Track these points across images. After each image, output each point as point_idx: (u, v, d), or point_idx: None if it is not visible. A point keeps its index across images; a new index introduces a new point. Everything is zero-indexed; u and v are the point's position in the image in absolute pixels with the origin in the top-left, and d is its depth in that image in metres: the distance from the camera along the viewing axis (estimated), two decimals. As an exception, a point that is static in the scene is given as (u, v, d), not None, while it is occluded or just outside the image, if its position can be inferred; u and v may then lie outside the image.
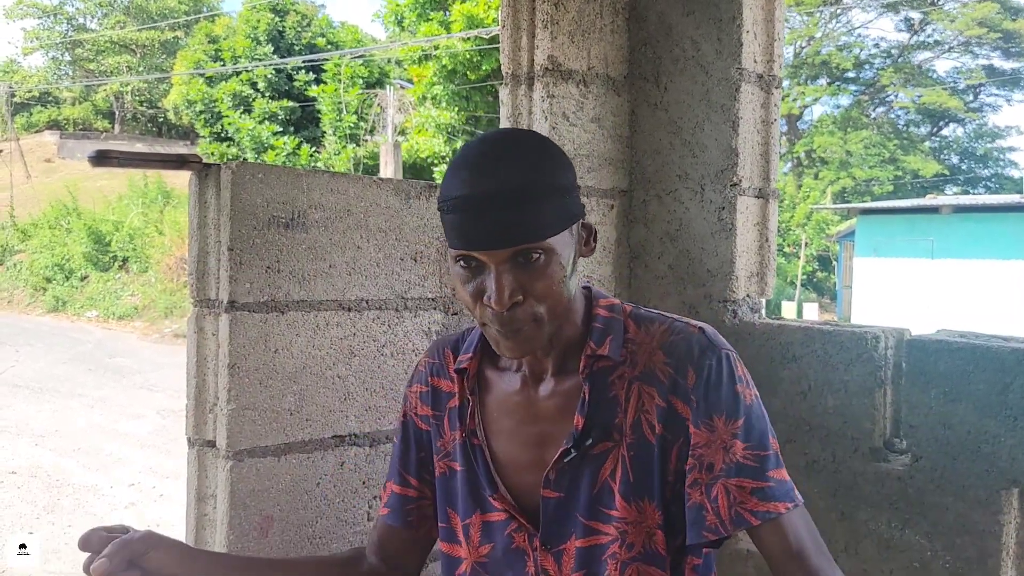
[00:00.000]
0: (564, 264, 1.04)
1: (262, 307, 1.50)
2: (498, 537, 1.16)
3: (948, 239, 15.71)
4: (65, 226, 19.86)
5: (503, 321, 1.03)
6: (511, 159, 1.02)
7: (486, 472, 1.16)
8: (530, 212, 1.00)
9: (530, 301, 1.03)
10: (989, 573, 1.53)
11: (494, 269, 1.01)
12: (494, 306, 1.01)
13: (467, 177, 1.01)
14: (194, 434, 1.53)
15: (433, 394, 1.26)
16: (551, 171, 1.03)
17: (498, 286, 1.01)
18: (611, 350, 1.11)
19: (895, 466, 1.65)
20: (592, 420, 1.10)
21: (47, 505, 5.91)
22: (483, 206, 0.99)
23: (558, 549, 1.12)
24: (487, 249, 1.01)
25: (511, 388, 1.17)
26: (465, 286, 1.05)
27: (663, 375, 1.09)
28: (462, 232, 1.01)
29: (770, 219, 2.00)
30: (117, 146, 25.68)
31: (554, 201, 1.02)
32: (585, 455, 1.10)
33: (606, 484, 1.10)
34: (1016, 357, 1.49)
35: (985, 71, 30.89)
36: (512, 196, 0.99)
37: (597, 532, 1.10)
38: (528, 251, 1.01)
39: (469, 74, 16.32)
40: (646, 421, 1.09)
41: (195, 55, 23.70)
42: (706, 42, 1.93)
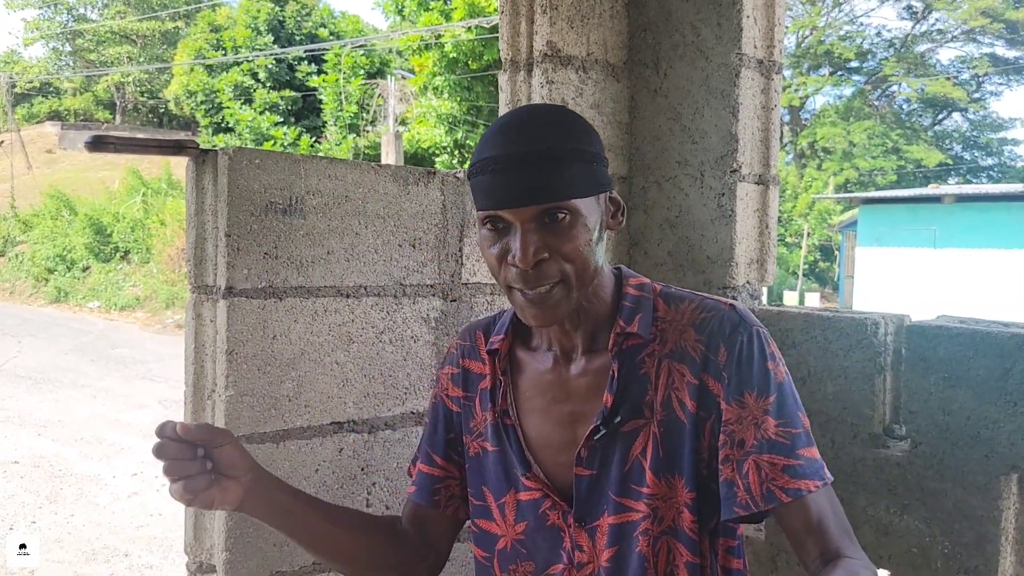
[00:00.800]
0: (590, 228, 1.05)
1: (260, 293, 1.50)
2: (532, 515, 1.17)
3: (950, 228, 15.68)
4: (66, 217, 19.87)
5: (528, 280, 1.03)
6: (540, 124, 1.04)
7: (519, 452, 1.16)
8: (557, 172, 1.01)
9: (556, 259, 1.03)
10: (988, 558, 1.53)
11: (520, 228, 1.03)
12: (519, 263, 1.02)
13: (497, 141, 1.04)
14: (193, 420, 1.53)
15: (464, 376, 1.26)
16: (579, 138, 1.05)
17: (523, 243, 1.02)
18: (640, 327, 1.11)
19: (894, 452, 1.65)
20: (621, 398, 1.10)
21: (50, 495, 5.92)
22: (511, 166, 1.01)
23: (592, 526, 1.12)
24: (513, 207, 1.02)
25: (543, 367, 1.17)
26: (491, 249, 1.06)
27: (694, 352, 1.10)
28: (490, 192, 1.03)
29: (770, 206, 1.99)
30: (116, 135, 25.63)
31: (581, 166, 1.04)
32: (615, 433, 1.11)
33: (637, 461, 1.10)
34: (1015, 342, 1.49)
35: (988, 60, 30.78)
36: (539, 156, 1.01)
37: (628, 509, 1.11)
38: (554, 211, 1.02)
39: (471, 64, 16.27)
40: (676, 399, 1.10)
41: (196, 45, 23.66)
42: (706, 27, 1.92)
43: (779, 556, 1.83)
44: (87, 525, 5.32)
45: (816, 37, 31.06)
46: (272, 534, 1.53)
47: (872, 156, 28.31)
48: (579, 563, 1.13)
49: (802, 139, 30.24)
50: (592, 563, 1.13)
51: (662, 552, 1.10)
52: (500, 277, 1.07)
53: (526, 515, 1.17)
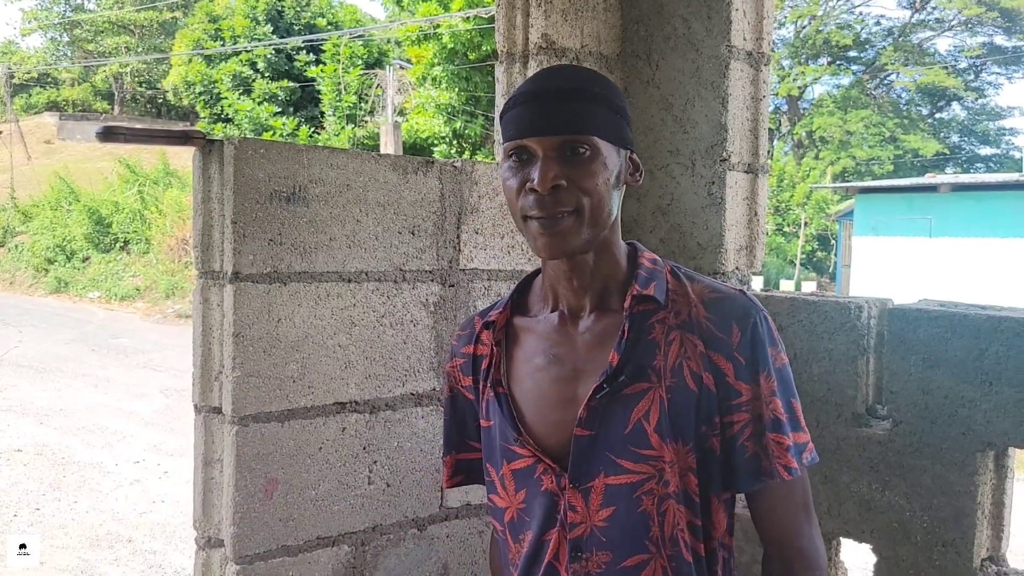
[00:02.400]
0: (609, 168, 1.10)
1: (265, 278, 1.55)
2: (529, 482, 1.19)
3: (946, 217, 15.72)
4: (66, 207, 19.89)
5: (543, 205, 1.07)
6: (574, 70, 1.13)
7: (510, 418, 1.19)
8: (582, 109, 1.08)
9: (572, 188, 1.08)
10: (964, 532, 1.60)
11: (541, 156, 1.08)
12: (537, 187, 1.06)
13: (530, 82, 1.12)
14: (201, 401, 1.59)
15: (472, 362, 1.29)
16: (607, 90, 1.12)
17: (543, 169, 1.07)
18: (657, 293, 1.16)
19: (876, 431, 1.71)
20: (627, 358, 1.13)
21: (53, 482, 5.99)
22: (539, 100, 1.09)
23: (586, 486, 1.15)
24: (538, 135, 1.08)
25: (545, 329, 1.21)
26: (512, 179, 1.11)
27: (704, 329, 1.14)
28: (516, 123, 1.10)
29: (759, 193, 2.05)
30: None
31: (606, 111, 1.10)
32: (617, 394, 1.13)
33: (639, 424, 1.13)
34: (991, 324, 1.55)
35: (986, 49, 30.77)
36: (565, 93, 1.08)
37: (627, 471, 1.14)
38: (576, 144, 1.07)
39: (469, 54, 16.28)
40: (688, 368, 1.13)
41: (194, 35, 23.63)
42: (696, 20, 1.97)
43: (766, 532, 1.89)
44: (90, 512, 5.39)
45: (815, 26, 31.03)
46: (279, 509, 1.59)
47: (869, 145, 28.32)
48: (571, 523, 1.16)
49: (799, 129, 30.25)
50: (585, 523, 1.15)
51: (668, 513, 1.14)
52: (517, 208, 1.12)
53: (523, 483, 1.20)
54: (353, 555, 1.71)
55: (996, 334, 1.55)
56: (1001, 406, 1.55)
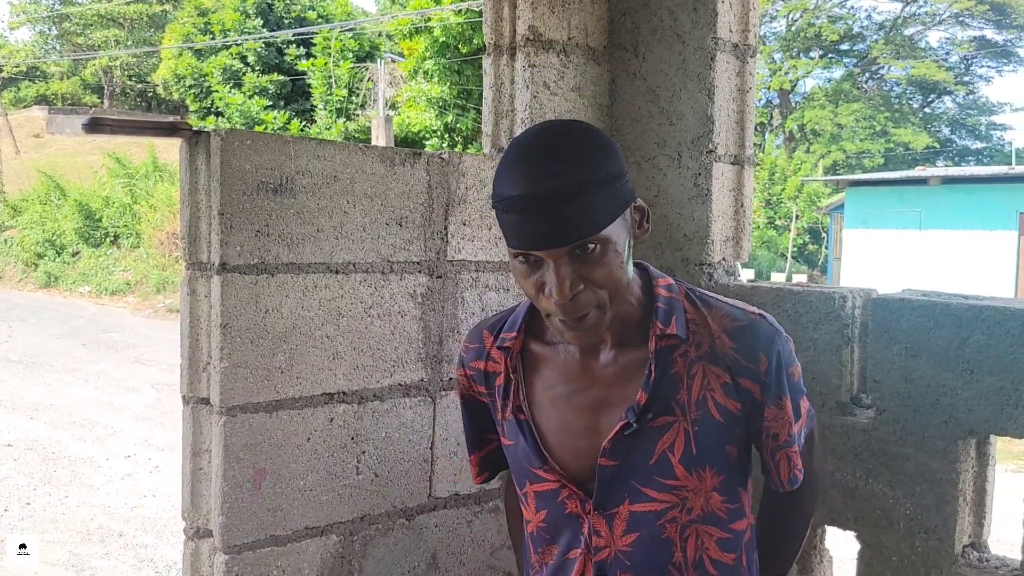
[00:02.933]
0: (620, 251, 1.08)
1: (252, 269, 1.56)
2: (551, 504, 1.22)
3: (936, 210, 15.78)
4: (56, 202, 19.80)
5: (567, 310, 1.07)
6: (561, 156, 1.05)
7: (534, 446, 1.21)
8: (584, 208, 1.03)
9: (591, 288, 1.07)
10: (946, 518, 1.62)
11: (553, 264, 1.05)
12: (556, 298, 1.06)
13: (519, 178, 1.05)
14: (189, 391, 1.60)
15: (484, 376, 1.30)
16: (600, 163, 1.06)
17: (558, 279, 1.05)
18: (678, 329, 1.16)
19: (860, 419, 1.73)
20: (654, 395, 1.15)
21: (43, 477, 5.97)
22: (537, 207, 1.03)
23: (610, 512, 1.18)
24: (544, 248, 1.05)
25: (565, 360, 1.21)
26: (527, 280, 1.09)
27: (730, 359, 1.16)
28: (519, 232, 1.05)
29: (745, 185, 2.06)
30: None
31: (606, 192, 1.05)
32: (643, 427, 1.15)
33: (664, 455, 1.15)
34: (972, 313, 1.57)
35: (976, 43, 30.85)
36: (565, 195, 1.02)
37: (651, 499, 1.16)
38: (584, 244, 1.05)
39: (461, 47, 16.25)
40: (712, 399, 1.15)
41: (184, 28, 23.51)
42: (683, 12, 1.98)
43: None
44: (81, 506, 5.38)
45: (806, 19, 31.06)
46: (267, 499, 1.60)
47: (860, 139, 28.39)
48: (596, 547, 1.19)
49: (791, 122, 30.30)
50: (609, 547, 1.18)
51: (691, 538, 1.18)
52: (539, 305, 1.12)
53: (545, 504, 1.23)
54: (342, 545, 1.72)
55: (977, 323, 1.56)
56: (982, 394, 1.56)
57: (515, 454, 1.25)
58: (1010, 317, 1.53)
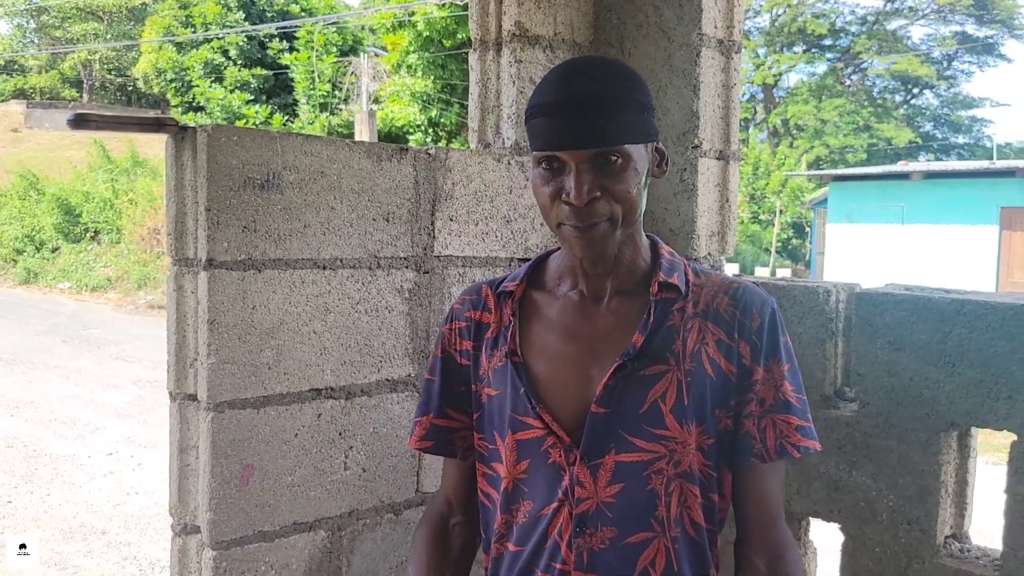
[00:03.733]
0: (639, 172, 1.13)
1: (239, 265, 1.56)
2: (534, 454, 1.21)
3: (918, 205, 15.93)
4: (34, 197, 19.60)
5: (580, 215, 1.11)
6: (596, 72, 1.12)
7: (529, 388, 1.21)
8: (611, 118, 1.09)
9: (607, 198, 1.11)
10: (929, 510, 1.64)
11: (575, 168, 1.10)
12: (573, 200, 1.10)
13: (554, 87, 1.11)
14: (176, 388, 1.59)
15: (475, 327, 1.30)
16: (632, 87, 1.12)
17: (577, 183, 1.09)
18: (679, 282, 1.21)
19: (844, 412, 1.75)
20: (650, 340, 1.18)
21: (25, 475, 5.93)
22: (568, 111, 1.09)
23: (595, 463, 1.18)
24: (571, 149, 1.09)
25: (564, 306, 1.24)
26: (545, 187, 1.13)
27: (728, 315, 1.19)
28: (548, 134, 1.10)
29: (731, 180, 2.07)
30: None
31: (633, 114, 1.11)
32: (634, 374, 1.17)
33: (655, 404, 1.16)
34: (955, 307, 1.59)
35: (959, 38, 31.10)
36: (595, 102, 1.09)
37: (639, 449, 1.17)
38: (607, 154, 1.10)
39: (444, 42, 16.21)
40: (706, 353, 1.18)
41: (165, 22, 23.32)
42: (668, 8, 1.99)
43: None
44: (63, 504, 5.35)
45: (790, 14, 31.19)
46: (255, 495, 1.60)
47: (843, 134, 28.58)
48: (578, 499, 1.18)
49: (774, 117, 30.44)
50: (591, 499, 1.18)
51: (675, 493, 1.18)
52: (551, 214, 1.15)
53: (527, 454, 1.22)
54: (329, 540, 1.72)
55: (959, 317, 1.58)
56: (964, 387, 1.58)
57: (500, 403, 1.25)
58: (991, 311, 1.55)
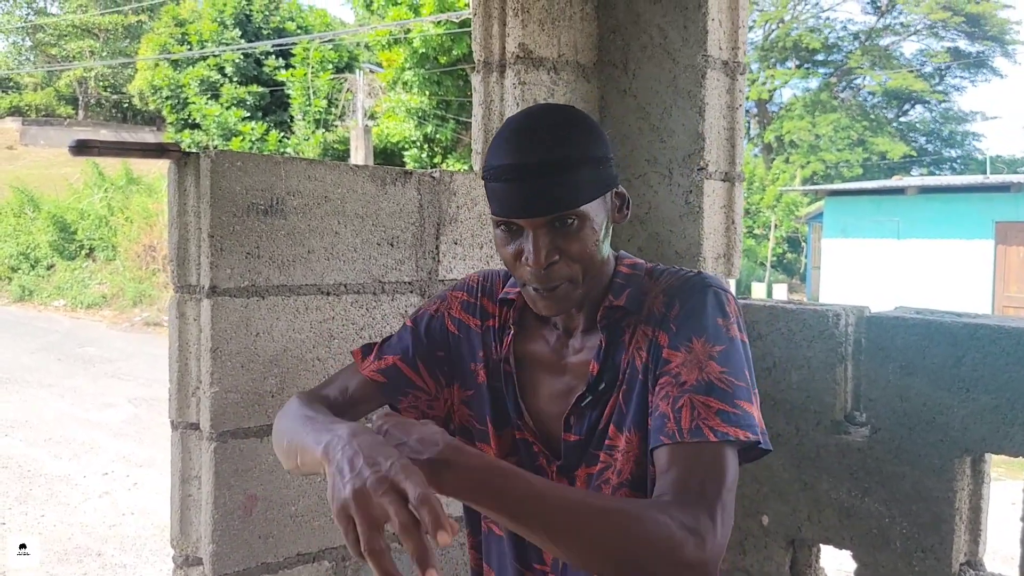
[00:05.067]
0: (597, 229, 1.13)
1: (243, 292, 1.53)
2: (524, 452, 1.25)
3: (913, 219, 15.95)
4: (30, 214, 19.55)
5: (540, 278, 1.12)
6: (549, 132, 1.11)
7: (514, 402, 1.25)
8: (566, 182, 1.09)
9: (565, 261, 1.12)
10: (943, 538, 1.61)
11: (532, 233, 1.11)
12: (531, 265, 1.11)
13: (508, 149, 1.12)
14: (177, 417, 1.57)
15: (479, 309, 1.32)
16: (587, 143, 1.12)
17: (535, 248, 1.11)
18: (627, 301, 1.19)
19: (855, 438, 1.73)
20: (605, 366, 1.19)
21: (19, 495, 5.87)
22: (522, 176, 1.09)
23: (571, 476, 1.22)
24: (525, 217, 1.11)
25: (548, 341, 1.26)
26: (505, 248, 1.15)
27: (658, 314, 1.18)
28: (503, 200, 1.12)
29: (736, 202, 2.06)
30: (81, 132, 25.11)
31: (588, 171, 1.11)
32: (599, 399, 1.19)
33: (607, 419, 1.19)
34: (968, 331, 1.57)
35: (950, 53, 31.30)
36: (549, 167, 1.09)
37: (598, 460, 1.19)
38: (563, 217, 1.10)
39: (440, 58, 16.25)
40: (638, 356, 1.18)
41: (160, 39, 23.33)
42: (673, 30, 1.98)
43: (746, 540, 1.90)
44: (58, 525, 5.29)
45: (783, 30, 31.38)
46: (258, 526, 1.57)
47: (838, 149, 28.68)
48: None
49: (769, 133, 30.56)
50: None
51: None
52: (515, 273, 1.16)
53: (518, 451, 1.26)
54: (334, 571, 1.69)
55: (972, 341, 1.56)
56: (978, 412, 1.56)
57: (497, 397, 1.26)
58: (1005, 335, 1.53)
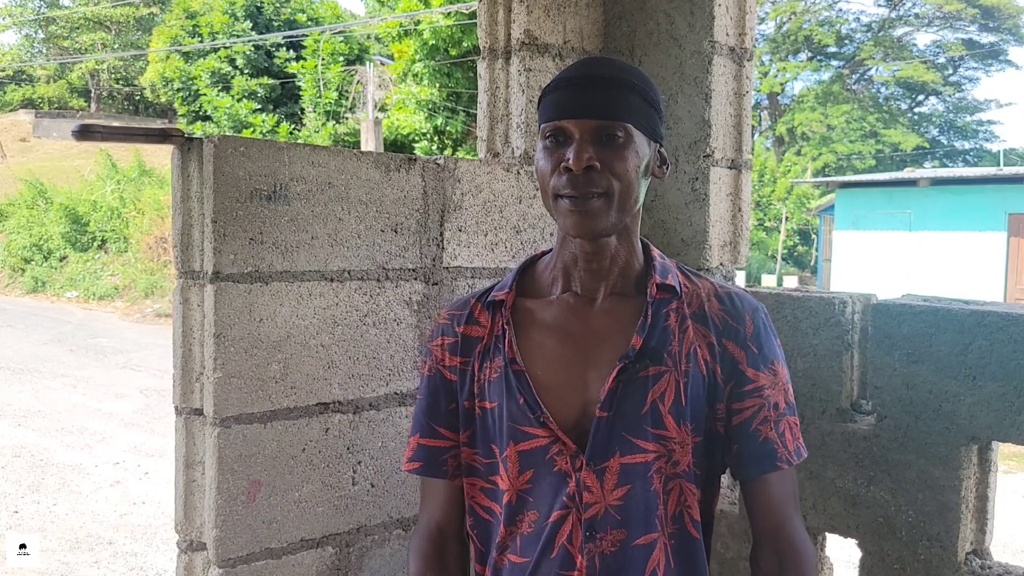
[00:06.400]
0: (640, 157, 1.15)
1: (246, 278, 1.53)
2: (538, 463, 1.20)
3: (925, 211, 15.85)
4: (42, 206, 19.66)
5: (576, 184, 1.12)
6: (612, 61, 1.19)
7: (529, 395, 1.19)
8: (620, 97, 1.13)
9: (604, 172, 1.12)
10: (949, 526, 1.60)
11: (578, 138, 1.12)
12: (572, 165, 1.11)
13: (569, 71, 1.17)
14: (181, 402, 1.57)
15: (462, 342, 1.28)
16: (644, 83, 1.17)
17: (578, 149, 1.12)
18: (675, 282, 1.22)
19: (861, 426, 1.72)
20: (648, 342, 1.18)
21: (31, 484, 5.92)
22: (580, 85, 1.14)
23: (601, 466, 1.17)
24: (576, 118, 1.12)
25: (559, 309, 1.23)
26: (548, 159, 1.15)
27: (719, 320, 1.21)
28: (555, 106, 1.14)
29: (743, 189, 2.05)
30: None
31: (642, 104, 1.15)
32: (635, 376, 1.17)
33: (655, 405, 1.17)
34: (975, 319, 1.55)
35: (964, 44, 31.03)
36: (605, 81, 1.13)
37: (641, 450, 1.17)
38: (611, 129, 1.12)
39: (450, 50, 16.22)
40: (699, 355, 1.19)
41: (172, 31, 23.39)
42: (679, 16, 1.96)
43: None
44: (70, 514, 5.33)
45: (796, 23, 31.17)
46: (262, 512, 1.57)
47: (850, 140, 28.51)
48: (586, 503, 1.17)
49: (781, 125, 30.39)
50: (599, 503, 1.17)
51: (673, 492, 1.19)
52: (548, 187, 1.16)
53: (531, 464, 1.20)
54: (338, 556, 1.69)
55: (980, 329, 1.55)
56: (984, 400, 1.55)
57: (498, 415, 1.23)
58: (1013, 323, 1.51)
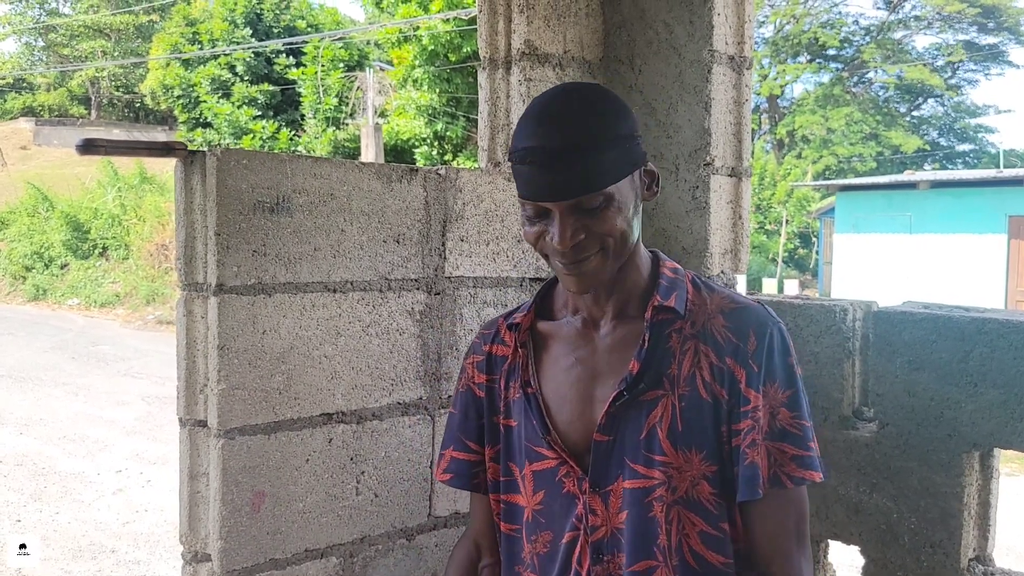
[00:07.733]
0: (624, 208, 1.12)
1: (250, 290, 1.54)
2: (549, 484, 1.23)
3: (925, 214, 15.86)
4: (43, 214, 19.68)
5: (566, 256, 1.13)
6: (574, 113, 1.11)
7: (539, 417, 1.22)
8: (591, 164, 1.08)
9: (592, 236, 1.12)
10: (951, 533, 1.61)
11: (558, 214, 1.11)
12: (558, 247, 1.11)
13: (533, 131, 1.11)
14: (185, 414, 1.58)
15: (488, 361, 1.33)
16: (612, 123, 1.11)
17: (561, 229, 1.11)
18: (676, 304, 1.19)
19: (863, 433, 1.72)
20: (646, 366, 1.17)
21: (34, 493, 5.92)
22: (547, 160, 1.09)
23: (606, 490, 1.18)
24: (551, 200, 1.10)
25: (569, 333, 1.24)
26: (531, 227, 1.15)
27: (722, 338, 1.17)
28: (528, 183, 1.12)
29: (743, 197, 2.05)
30: (94, 132, 25.29)
31: (615, 151, 1.10)
32: (634, 400, 1.17)
33: (654, 429, 1.16)
34: (975, 326, 1.56)
35: (964, 46, 31.06)
36: (574, 149, 1.08)
37: (641, 476, 1.17)
38: (591, 200, 1.10)
39: (450, 56, 16.24)
40: (700, 377, 1.17)
41: (172, 38, 23.44)
42: (679, 25, 1.97)
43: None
44: (72, 522, 5.33)
45: (797, 27, 31.21)
46: (266, 522, 1.58)
47: (851, 143, 28.54)
48: (592, 527, 1.19)
49: (782, 128, 30.42)
50: (605, 527, 1.18)
51: (675, 520, 1.17)
52: (538, 249, 1.16)
53: (543, 484, 1.23)
54: (342, 567, 1.70)
55: (980, 336, 1.56)
56: (986, 407, 1.56)
57: (519, 434, 1.26)
58: (1013, 330, 1.52)
